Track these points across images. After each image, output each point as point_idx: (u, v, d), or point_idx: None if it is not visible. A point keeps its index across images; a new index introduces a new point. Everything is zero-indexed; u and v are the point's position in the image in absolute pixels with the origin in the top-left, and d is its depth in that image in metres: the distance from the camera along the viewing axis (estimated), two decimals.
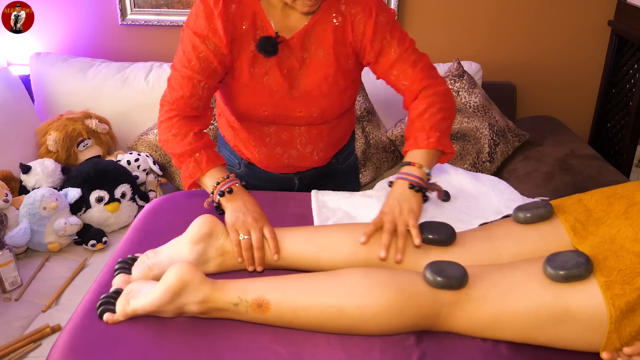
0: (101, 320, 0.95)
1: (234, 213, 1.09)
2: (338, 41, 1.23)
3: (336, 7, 1.21)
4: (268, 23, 1.20)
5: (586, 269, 0.88)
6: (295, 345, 0.92)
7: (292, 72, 1.24)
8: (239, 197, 1.13)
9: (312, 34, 1.22)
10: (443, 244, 1.05)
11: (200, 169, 1.17)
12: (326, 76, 1.24)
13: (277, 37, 1.20)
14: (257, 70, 1.23)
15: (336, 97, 1.27)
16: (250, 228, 1.06)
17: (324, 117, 1.31)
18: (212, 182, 1.16)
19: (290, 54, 1.23)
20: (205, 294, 0.93)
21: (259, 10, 1.20)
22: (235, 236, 1.06)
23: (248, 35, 1.20)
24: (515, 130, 2.23)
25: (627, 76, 2.30)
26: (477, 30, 2.42)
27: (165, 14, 2.46)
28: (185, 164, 1.19)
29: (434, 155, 1.18)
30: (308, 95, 1.25)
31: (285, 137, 1.34)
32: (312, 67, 1.24)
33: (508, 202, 1.28)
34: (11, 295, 1.65)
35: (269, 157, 1.39)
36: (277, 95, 1.25)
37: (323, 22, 1.22)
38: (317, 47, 1.23)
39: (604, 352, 0.86)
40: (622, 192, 1.03)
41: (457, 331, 0.94)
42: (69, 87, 2.32)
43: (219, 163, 1.19)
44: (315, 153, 1.39)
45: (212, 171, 1.17)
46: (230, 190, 1.14)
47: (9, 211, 1.83)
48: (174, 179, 2.23)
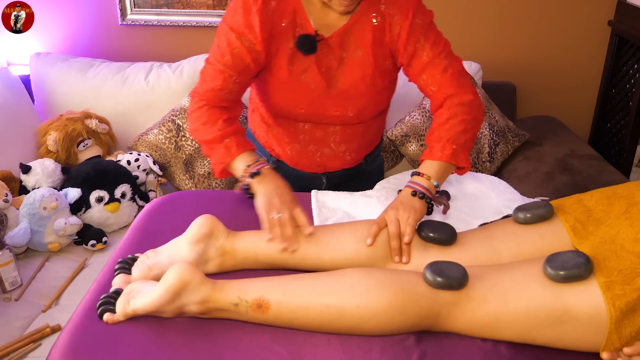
0: (101, 320, 0.95)
1: (266, 196, 1.10)
2: (377, 41, 1.22)
3: (376, 7, 1.21)
4: (308, 21, 1.20)
5: (586, 269, 0.88)
6: (295, 345, 0.92)
7: (330, 71, 1.24)
8: (270, 180, 1.13)
9: (351, 33, 1.21)
10: (444, 243, 1.05)
11: (231, 153, 1.17)
12: (364, 76, 1.24)
13: (316, 36, 1.20)
14: (295, 68, 1.23)
15: (373, 97, 1.27)
16: (280, 209, 1.07)
17: (359, 117, 1.30)
18: (242, 166, 1.16)
19: (329, 52, 1.22)
20: (205, 294, 0.93)
21: (299, 8, 1.20)
22: (265, 215, 1.07)
23: (287, 33, 1.19)
24: (515, 130, 2.23)
25: (627, 76, 2.30)
26: (477, 30, 2.42)
27: (165, 14, 2.46)
28: (215, 150, 1.19)
29: (446, 169, 1.16)
30: (345, 95, 1.25)
31: (320, 135, 1.34)
32: (350, 67, 1.23)
33: (508, 202, 1.28)
34: (11, 295, 1.65)
35: (301, 154, 1.39)
36: (314, 94, 1.25)
37: (362, 22, 1.21)
38: (356, 46, 1.22)
39: (604, 352, 0.86)
40: (622, 192, 1.03)
41: (457, 331, 0.94)
42: (69, 87, 2.32)
43: (248, 148, 1.19)
44: (348, 153, 1.39)
45: (243, 155, 1.17)
46: (259, 172, 1.13)
47: (9, 211, 1.83)
48: (174, 179, 2.23)
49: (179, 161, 2.19)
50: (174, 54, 2.49)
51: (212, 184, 2.19)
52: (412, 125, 2.20)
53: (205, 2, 2.43)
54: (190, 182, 2.20)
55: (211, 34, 2.49)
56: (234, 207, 1.30)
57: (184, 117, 2.18)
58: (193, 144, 2.17)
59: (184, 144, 2.17)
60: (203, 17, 2.45)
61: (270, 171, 1.15)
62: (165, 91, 2.30)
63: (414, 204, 1.10)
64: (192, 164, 2.18)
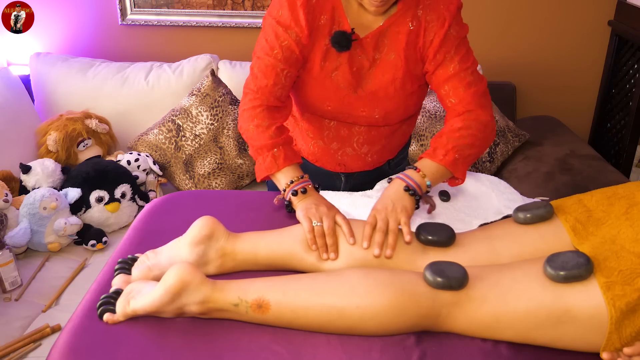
0: (101, 320, 0.95)
1: (307, 206, 1.11)
2: (410, 45, 1.22)
3: (413, 11, 1.20)
4: (345, 19, 1.20)
5: (586, 269, 0.87)
6: (295, 345, 0.92)
7: (361, 71, 1.24)
8: (310, 197, 1.14)
9: (386, 35, 1.21)
10: (442, 245, 1.05)
11: (277, 164, 1.18)
12: (394, 79, 1.23)
13: (352, 34, 1.20)
14: (327, 65, 1.23)
15: (401, 101, 1.27)
16: (322, 215, 1.07)
17: (386, 120, 1.30)
18: (286, 180, 1.17)
19: (362, 52, 1.22)
20: (205, 295, 0.93)
21: (338, 5, 1.20)
22: (308, 223, 1.06)
23: (324, 29, 1.20)
24: (515, 130, 2.23)
25: (627, 76, 2.30)
26: (477, 30, 2.42)
27: (165, 14, 2.46)
28: (262, 156, 1.20)
29: (442, 174, 1.17)
30: (373, 96, 1.25)
31: (344, 134, 1.34)
32: (382, 68, 1.23)
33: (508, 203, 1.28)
34: (11, 295, 1.65)
35: (323, 150, 1.39)
36: (342, 92, 1.25)
37: (398, 25, 1.21)
38: (390, 49, 1.22)
39: (604, 352, 0.86)
40: (622, 192, 1.03)
41: (457, 331, 0.94)
42: (69, 87, 2.32)
43: (295, 161, 1.20)
44: (370, 155, 1.38)
45: (288, 169, 1.18)
46: (305, 191, 1.15)
47: (9, 211, 1.83)
48: (174, 179, 2.23)
49: (179, 161, 2.19)
50: (174, 54, 2.49)
51: (212, 184, 2.19)
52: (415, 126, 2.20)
53: (205, 2, 2.43)
54: (190, 182, 2.20)
55: (211, 34, 2.49)
56: (234, 207, 1.30)
57: (184, 117, 2.18)
58: (193, 144, 2.17)
59: (184, 144, 2.17)
60: (203, 17, 2.45)
61: (312, 189, 1.17)
62: (165, 91, 2.30)
63: (405, 202, 1.10)
64: (192, 164, 2.18)
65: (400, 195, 1.11)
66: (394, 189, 1.13)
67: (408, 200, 1.11)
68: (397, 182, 1.14)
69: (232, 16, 2.45)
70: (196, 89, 2.21)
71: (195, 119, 2.17)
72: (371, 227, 1.06)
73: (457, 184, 1.21)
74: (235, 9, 2.44)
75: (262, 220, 1.23)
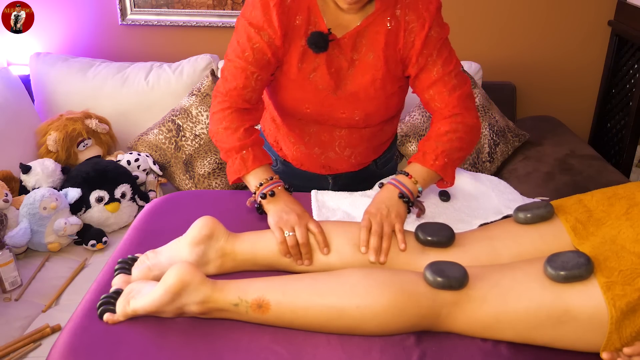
0: (101, 320, 0.95)
1: (277, 213, 1.10)
2: (390, 46, 1.20)
3: (391, 11, 1.19)
4: (321, 19, 1.19)
5: (587, 269, 0.87)
6: (295, 345, 0.92)
7: (339, 72, 1.22)
8: (280, 199, 1.13)
9: (363, 35, 1.20)
10: (442, 245, 1.05)
11: (246, 167, 1.17)
12: (374, 80, 1.22)
13: (329, 34, 1.18)
14: (305, 66, 1.21)
15: (382, 102, 1.25)
16: (294, 224, 1.06)
17: (366, 122, 1.29)
18: (255, 182, 1.16)
19: (340, 53, 1.21)
20: (205, 295, 0.93)
21: (314, 5, 1.18)
22: (280, 234, 1.06)
23: (300, 30, 1.18)
24: (515, 130, 2.23)
25: (627, 76, 2.30)
26: (477, 30, 2.42)
27: (165, 14, 2.46)
28: (231, 159, 1.19)
29: (432, 178, 1.18)
30: (353, 97, 1.24)
31: (325, 138, 1.33)
32: (361, 69, 1.22)
33: (508, 202, 1.28)
34: (11, 295, 1.65)
35: (305, 155, 1.38)
36: (322, 94, 1.24)
37: (376, 25, 1.19)
38: (368, 49, 1.20)
39: (604, 352, 0.86)
40: (622, 192, 1.03)
41: (457, 331, 0.94)
42: (69, 87, 2.32)
43: (265, 162, 1.19)
44: (353, 157, 1.38)
45: (257, 170, 1.17)
46: (273, 193, 1.13)
47: (9, 211, 1.83)
48: (174, 179, 2.23)
49: (179, 161, 2.19)
50: (174, 54, 2.49)
51: (212, 184, 2.19)
52: (412, 125, 2.20)
53: (205, 2, 2.43)
54: (190, 182, 2.20)
55: (211, 34, 2.49)
56: (234, 207, 1.30)
57: (184, 117, 2.18)
58: (193, 144, 2.17)
59: (184, 144, 2.17)
60: (203, 17, 2.45)
61: (282, 191, 1.15)
62: (165, 91, 2.30)
63: (399, 209, 1.11)
64: (192, 164, 2.18)
65: (394, 201, 1.12)
66: (388, 194, 1.13)
67: (402, 207, 1.12)
68: (390, 188, 1.15)
69: (232, 16, 2.45)
70: (196, 89, 2.21)
71: (195, 119, 2.17)
72: (367, 231, 1.06)
73: (446, 186, 1.22)
74: (235, 9, 2.44)
75: (261, 220, 1.23)
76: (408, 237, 1.08)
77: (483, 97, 2.21)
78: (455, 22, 2.40)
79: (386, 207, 1.10)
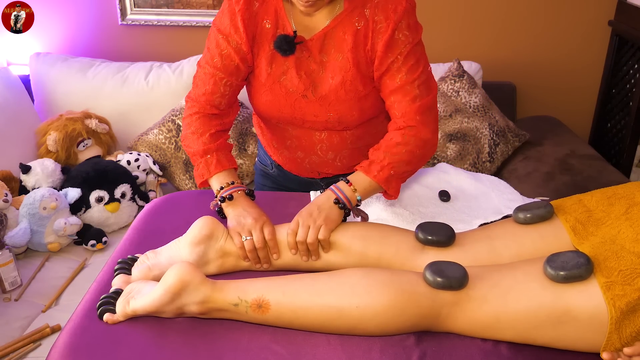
0: (101, 320, 0.95)
1: (235, 218, 1.11)
2: (358, 46, 1.17)
3: (360, 10, 1.16)
4: (288, 22, 1.18)
5: (586, 269, 0.87)
6: (295, 345, 0.92)
7: (309, 75, 1.21)
8: (238, 203, 1.14)
9: (331, 37, 1.18)
10: (442, 245, 1.05)
11: (209, 171, 1.18)
12: (344, 81, 1.19)
13: (295, 37, 1.17)
14: (274, 70, 1.21)
15: (354, 104, 1.22)
16: (250, 229, 1.08)
17: (342, 124, 1.26)
18: (217, 186, 1.17)
19: (309, 55, 1.19)
20: (205, 295, 0.93)
21: (280, 9, 1.18)
22: (238, 239, 1.07)
23: (269, 34, 1.18)
24: (515, 130, 2.23)
25: (627, 76, 2.30)
26: (477, 30, 2.42)
27: (165, 14, 2.46)
28: (196, 163, 1.21)
29: (374, 189, 1.15)
30: (324, 100, 1.21)
31: (305, 143, 1.32)
32: (330, 71, 1.19)
33: (508, 202, 1.28)
34: (11, 295, 1.65)
35: (291, 160, 1.38)
36: (292, 97, 1.22)
37: (344, 25, 1.17)
38: (337, 50, 1.18)
39: (604, 352, 0.86)
40: (622, 192, 1.03)
41: (457, 331, 0.94)
42: (69, 87, 2.32)
43: (228, 167, 1.20)
44: (338, 160, 1.35)
45: (219, 175, 1.18)
46: (231, 197, 1.14)
47: (9, 211, 1.83)
48: (174, 179, 2.23)
49: (179, 161, 2.19)
50: (174, 54, 2.49)
51: None
52: None
53: (205, 2, 2.43)
54: (190, 182, 2.20)
55: None
56: None
57: None
58: None
59: None
60: (203, 17, 2.45)
61: (241, 196, 1.16)
62: (165, 91, 2.30)
63: (331, 213, 1.09)
64: (192, 164, 2.18)
65: (327, 205, 1.11)
66: (324, 198, 1.12)
67: (335, 212, 1.10)
68: (328, 192, 1.14)
69: None
70: None
71: None
72: (293, 235, 1.07)
73: (390, 198, 1.18)
74: None
75: None
76: (407, 237, 1.08)
77: (483, 97, 2.21)
78: (455, 22, 2.41)
79: (317, 210, 1.09)
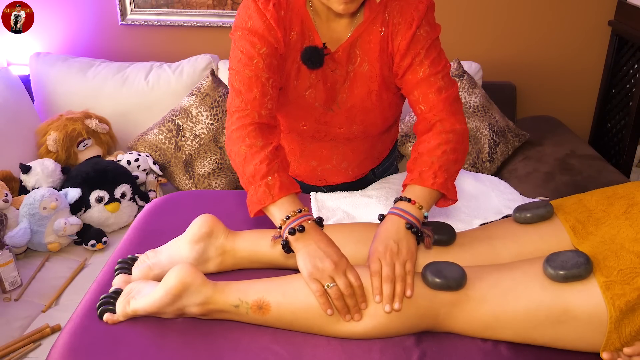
0: (101, 320, 0.96)
1: (309, 259, 0.94)
2: (383, 52, 1.14)
3: (382, 17, 1.12)
4: (316, 33, 1.12)
5: (586, 269, 0.88)
6: (295, 345, 0.92)
7: (335, 87, 1.16)
8: (310, 238, 0.96)
9: (357, 46, 1.14)
10: (444, 243, 1.05)
11: (272, 195, 1.00)
12: (370, 91, 1.17)
13: (325, 48, 1.12)
14: (300, 83, 1.16)
15: (379, 113, 1.20)
16: (332, 275, 0.92)
17: (365, 133, 1.23)
18: (281, 215, 0.99)
19: (335, 67, 1.15)
20: (206, 296, 0.93)
21: (307, 19, 1.12)
22: (318, 286, 0.92)
23: (296, 45, 1.12)
24: (515, 130, 2.23)
25: (627, 76, 2.29)
26: (477, 30, 2.42)
27: (165, 14, 2.46)
28: (254, 186, 1.02)
29: (435, 198, 1.06)
30: (350, 112, 1.18)
31: (323, 153, 1.29)
32: (357, 82, 1.16)
33: (508, 202, 1.28)
34: (11, 295, 1.65)
35: (303, 167, 1.35)
36: (318, 111, 1.18)
37: (369, 33, 1.13)
38: (363, 59, 1.15)
39: (604, 352, 0.86)
40: (622, 192, 1.03)
41: (457, 331, 0.94)
42: (69, 87, 2.32)
43: (292, 191, 1.02)
44: (351, 169, 1.34)
45: (283, 200, 1.00)
46: (302, 229, 0.97)
47: (9, 211, 1.83)
48: (174, 179, 2.23)
49: (179, 161, 2.19)
50: (174, 54, 2.49)
51: (212, 184, 2.19)
52: (412, 125, 2.20)
53: (205, 2, 2.43)
54: (190, 182, 2.20)
55: (211, 34, 2.49)
56: (233, 207, 1.30)
57: (184, 117, 2.18)
58: (193, 144, 2.17)
59: (184, 144, 2.17)
60: (203, 17, 2.45)
61: (312, 227, 0.98)
62: (165, 91, 2.30)
63: (409, 243, 0.98)
64: (192, 164, 2.18)
65: (402, 234, 0.98)
66: (394, 227, 1.00)
67: (412, 240, 0.99)
68: (394, 219, 1.01)
69: (232, 16, 2.44)
70: (196, 89, 2.21)
71: (195, 119, 2.17)
72: (379, 277, 0.93)
73: (449, 204, 1.09)
74: (235, 9, 2.44)
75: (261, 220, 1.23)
76: None
77: (483, 97, 2.21)
78: (455, 22, 2.41)
79: (395, 243, 0.97)
